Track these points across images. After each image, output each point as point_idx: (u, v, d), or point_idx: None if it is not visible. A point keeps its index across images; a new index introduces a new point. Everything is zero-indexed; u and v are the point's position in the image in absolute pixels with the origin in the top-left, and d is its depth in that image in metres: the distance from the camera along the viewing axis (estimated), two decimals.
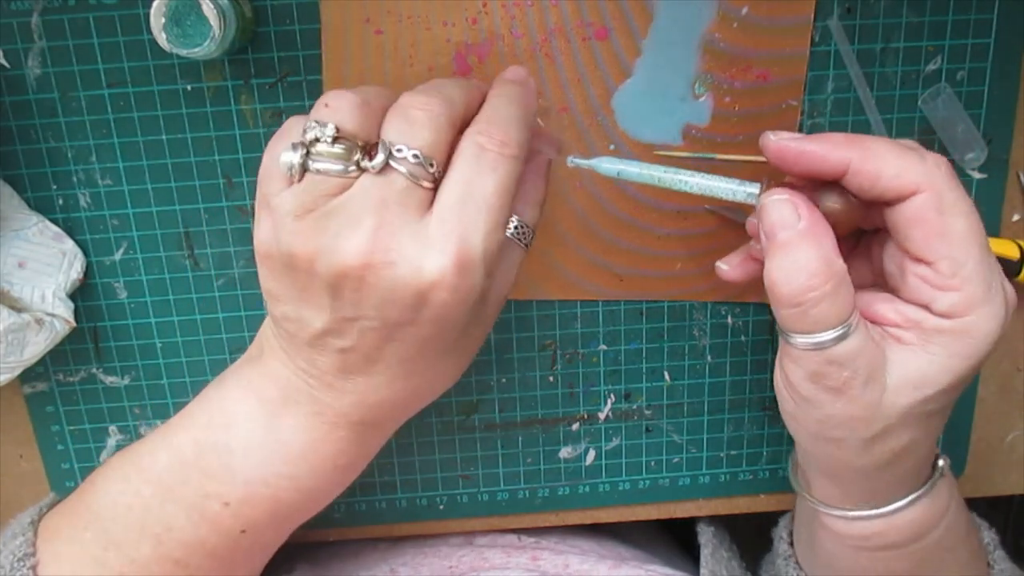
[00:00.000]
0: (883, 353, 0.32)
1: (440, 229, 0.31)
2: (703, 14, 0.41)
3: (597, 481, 0.50)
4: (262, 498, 0.36)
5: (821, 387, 0.33)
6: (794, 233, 0.31)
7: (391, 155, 0.32)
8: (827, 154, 0.32)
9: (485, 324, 0.38)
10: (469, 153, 0.33)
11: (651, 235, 0.45)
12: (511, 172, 0.33)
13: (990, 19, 0.42)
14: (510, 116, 0.34)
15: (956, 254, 0.31)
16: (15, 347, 0.41)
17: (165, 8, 0.36)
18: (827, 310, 0.31)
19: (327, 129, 0.32)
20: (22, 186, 0.43)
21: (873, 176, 0.31)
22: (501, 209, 0.33)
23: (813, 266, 0.31)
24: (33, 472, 0.48)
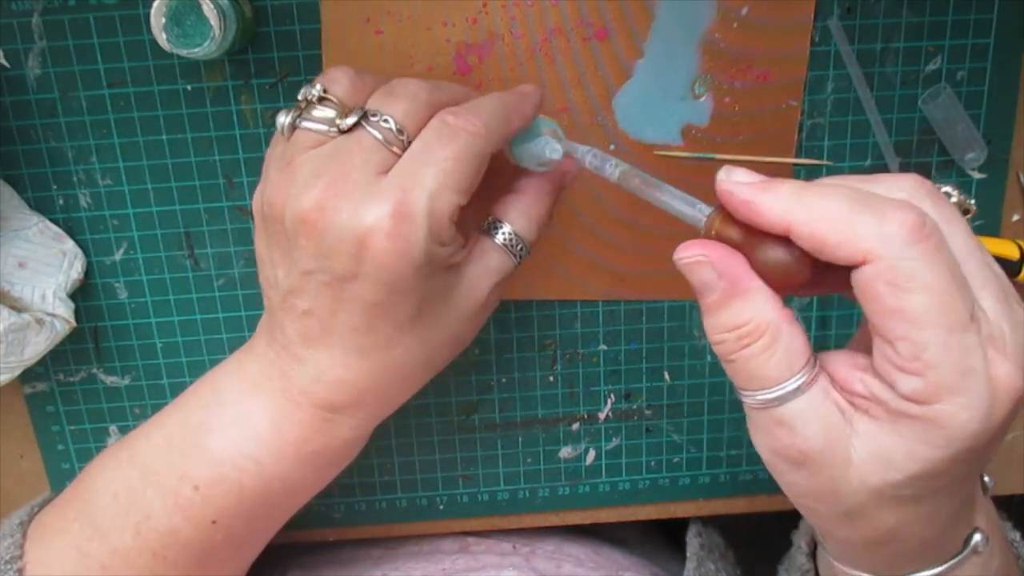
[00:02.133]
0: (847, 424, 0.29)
1: (388, 182, 0.33)
2: (703, 14, 0.41)
3: (597, 481, 0.50)
4: (229, 482, 0.36)
5: (777, 456, 0.30)
6: (717, 295, 0.29)
7: (365, 117, 0.34)
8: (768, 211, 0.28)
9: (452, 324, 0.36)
10: (433, 125, 0.34)
11: (651, 235, 0.45)
12: (471, 145, 0.34)
13: (990, 19, 0.42)
14: (488, 107, 0.35)
15: (914, 336, 0.26)
16: (15, 347, 0.41)
17: (165, 8, 0.36)
18: (763, 365, 0.29)
19: (315, 89, 0.35)
20: (22, 186, 0.43)
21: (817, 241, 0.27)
22: (454, 173, 0.33)
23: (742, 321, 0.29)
24: (33, 472, 0.48)
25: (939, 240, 0.27)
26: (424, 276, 0.34)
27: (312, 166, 0.33)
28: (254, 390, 0.37)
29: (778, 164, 0.44)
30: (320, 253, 0.33)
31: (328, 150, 0.34)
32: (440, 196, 0.33)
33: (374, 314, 0.34)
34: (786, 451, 0.30)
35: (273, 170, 0.35)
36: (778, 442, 0.30)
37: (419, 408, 0.48)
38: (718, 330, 0.30)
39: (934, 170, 0.45)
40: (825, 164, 0.44)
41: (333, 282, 0.33)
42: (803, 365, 0.29)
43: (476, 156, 0.34)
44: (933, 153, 0.45)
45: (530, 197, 0.38)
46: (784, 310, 0.29)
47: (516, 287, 0.46)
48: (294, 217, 0.33)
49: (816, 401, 0.29)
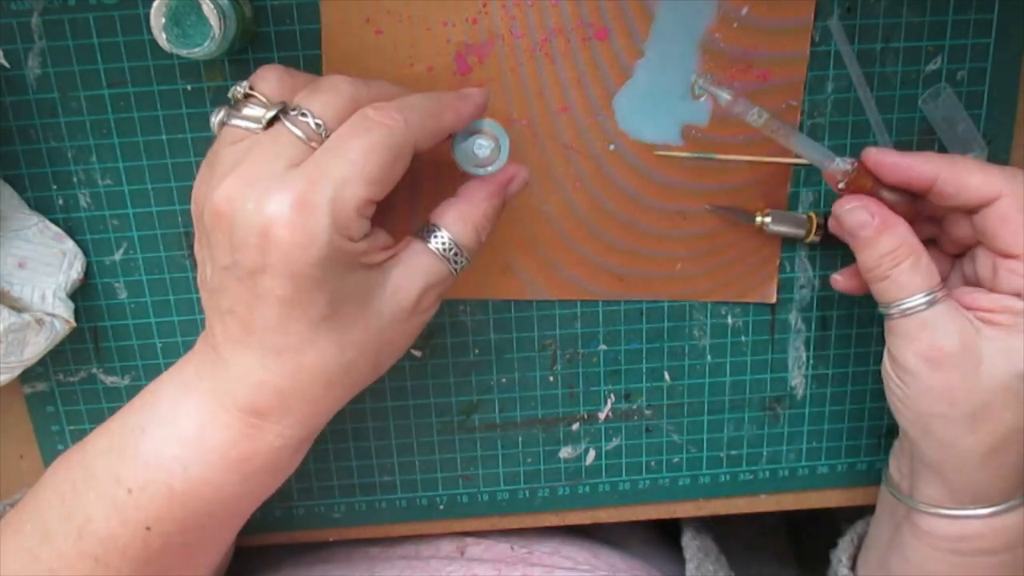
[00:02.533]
0: (976, 330, 0.37)
1: (295, 173, 0.32)
2: (703, 14, 0.41)
3: (597, 481, 0.50)
4: (158, 485, 0.36)
5: (920, 357, 0.37)
6: (871, 230, 0.38)
7: (285, 112, 0.34)
8: (920, 167, 0.38)
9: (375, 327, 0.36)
10: (353, 118, 0.34)
11: (651, 235, 0.45)
12: (386, 137, 0.33)
13: (990, 19, 0.42)
14: (416, 103, 0.35)
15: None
16: (15, 347, 0.41)
17: (165, 8, 0.36)
18: (911, 277, 0.37)
19: (240, 87, 0.35)
20: (22, 186, 0.43)
21: (960, 184, 0.37)
22: (364, 164, 0.32)
23: (896, 248, 0.38)
24: (33, 472, 0.47)
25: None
26: (333, 271, 0.33)
27: (228, 160, 0.34)
28: (187, 392, 0.36)
29: (778, 164, 0.44)
30: (231, 246, 0.33)
31: (246, 144, 0.34)
32: (346, 187, 0.32)
33: (286, 311, 0.33)
34: (928, 351, 0.37)
35: (202, 168, 0.36)
36: (922, 344, 0.37)
37: (419, 408, 0.48)
38: (873, 257, 0.38)
39: None
40: None
41: (245, 277, 0.33)
42: (938, 282, 0.38)
43: (391, 148, 0.33)
44: None
45: (468, 201, 0.38)
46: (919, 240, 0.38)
47: (517, 287, 0.46)
48: (209, 211, 0.33)
49: (951, 309, 0.37)
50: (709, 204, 0.44)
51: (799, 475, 0.50)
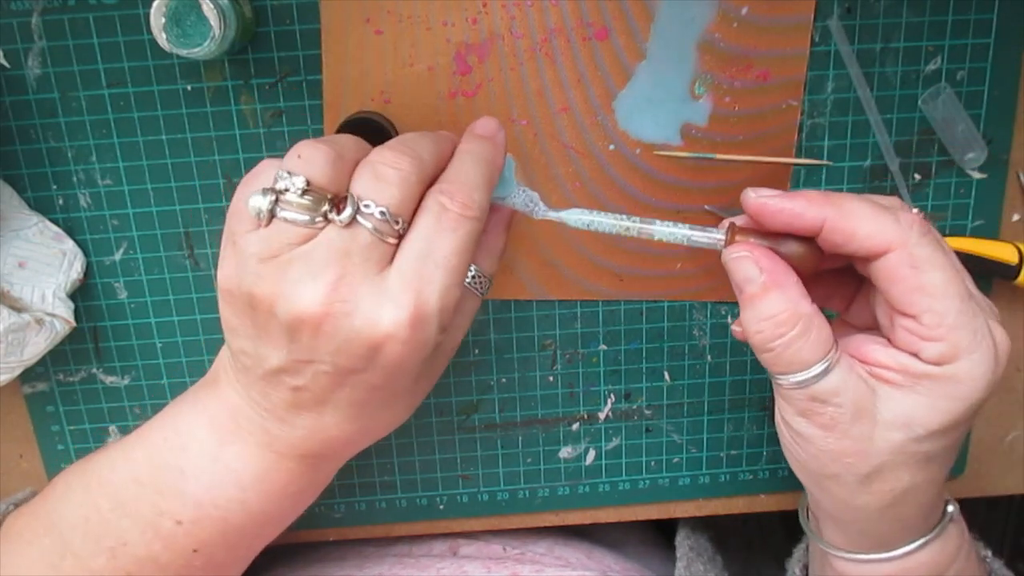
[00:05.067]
0: (872, 391, 0.34)
1: (398, 283, 0.32)
2: (703, 14, 0.41)
3: (597, 481, 0.50)
4: (213, 520, 0.37)
5: (812, 423, 0.34)
6: (758, 287, 0.34)
7: (358, 210, 0.32)
8: (804, 212, 0.33)
9: (437, 370, 0.39)
10: (431, 212, 0.33)
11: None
12: (471, 233, 0.34)
13: (990, 19, 0.42)
14: (474, 177, 0.35)
15: (936, 307, 0.32)
16: (15, 347, 0.41)
17: (165, 8, 0.36)
18: (800, 351, 0.33)
19: (297, 181, 0.32)
20: (22, 186, 0.43)
21: (848, 235, 0.33)
22: (458, 268, 0.33)
23: (779, 314, 0.33)
24: (33, 472, 0.48)
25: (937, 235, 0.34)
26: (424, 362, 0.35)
27: (307, 265, 0.32)
28: (230, 441, 0.36)
29: (778, 164, 0.44)
30: (326, 351, 0.33)
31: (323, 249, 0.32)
32: (448, 293, 0.33)
33: (376, 392, 0.34)
34: (821, 419, 0.34)
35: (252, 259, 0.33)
36: (813, 414, 0.34)
37: (419, 408, 0.48)
38: (758, 319, 0.34)
39: (934, 170, 0.45)
40: (825, 164, 0.44)
41: (336, 373, 0.33)
42: (831, 347, 0.34)
43: (474, 240, 0.34)
44: (933, 153, 0.45)
45: (489, 235, 0.39)
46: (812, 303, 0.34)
47: (516, 287, 0.46)
48: (291, 316, 0.32)
49: (844, 375, 0.34)
50: (708, 205, 0.44)
51: None
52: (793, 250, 0.34)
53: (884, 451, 0.34)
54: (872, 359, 0.34)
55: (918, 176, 0.45)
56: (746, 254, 0.34)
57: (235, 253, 0.34)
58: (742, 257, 0.34)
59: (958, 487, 0.51)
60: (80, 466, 0.39)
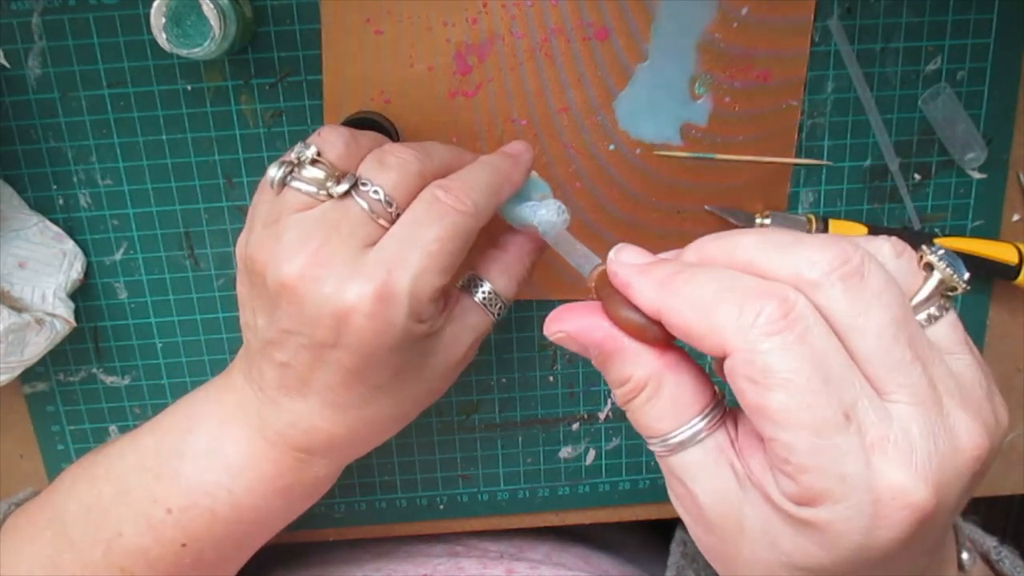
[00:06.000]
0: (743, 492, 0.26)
1: (374, 259, 0.33)
2: (703, 14, 0.41)
3: (597, 481, 0.50)
4: (201, 509, 0.37)
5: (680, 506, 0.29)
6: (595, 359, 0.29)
7: (356, 186, 0.34)
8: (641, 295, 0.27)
9: (428, 382, 0.37)
10: (423, 200, 0.34)
11: (651, 234, 0.45)
12: (459, 225, 0.34)
13: (990, 19, 0.42)
14: (478, 180, 0.35)
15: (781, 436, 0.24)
16: (15, 347, 0.41)
17: (165, 8, 0.36)
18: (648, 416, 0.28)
19: (309, 151, 0.34)
20: (22, 186, 0.43)
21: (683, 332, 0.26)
22: (439, 256, 0.33)
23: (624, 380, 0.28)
24: (33, 472, 0.48)
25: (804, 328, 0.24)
26: (402, 350, 0.34)
27: (298, 231, 0.33)
28: (229, 423, 0.37)
29: (778, 164, 0.44)
30: (300, 320, 0.33)
31: (316, 216, 0.34)
32: (423, 278, 0.33)
33: (351, 377, 0.34)
34: (683, 502, 0.28)
35: (259, 224, 0.35)
36: (676, 492, 0.28)
37: None
38: (611, 385, 0.29)
39: (934, 170, 0.45)
40: (825, 164, 0.44)
41: (312, 346, 0.34)
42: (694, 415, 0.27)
43: (463, 236, 0.34)
44: (933, 153, 0.45)
45: (512, 256, 0.39)
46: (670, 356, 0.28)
47: None
48: (276, 280, 0.33)
49: (708, 457, 0.27)
50: (708, 205, 0.44)
51: None
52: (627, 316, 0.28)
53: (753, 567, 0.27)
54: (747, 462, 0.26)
55: (918, 176, 0.45)
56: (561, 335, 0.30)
57: (249, 220, 0.36)
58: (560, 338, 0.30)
59: None
60: (88, 458, 0.39)
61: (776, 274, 0.25)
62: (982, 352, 0.48)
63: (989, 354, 0.48)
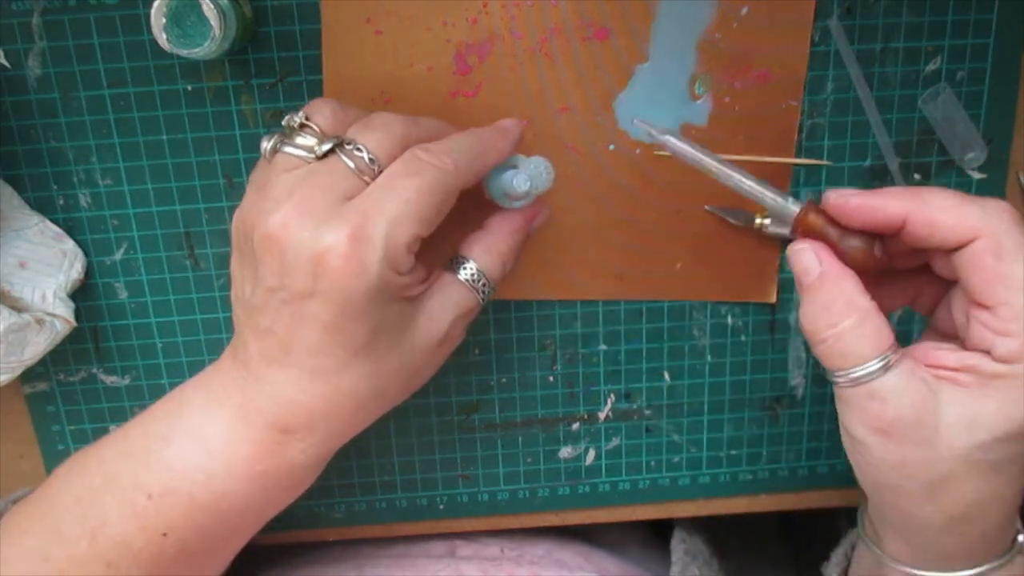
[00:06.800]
0: (934, 395, 0.33)
1: (351, 206, 0.34)
2: (703, 14, 0.41)
3: (597, 481, 0.50)
4: (179, 494, 0.36)
5: (870, 429, 0.34)
6: (815, 278, 0.34)
7: (340, 145, 0.35)
8: (885, 206, 0.33)
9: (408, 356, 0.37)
10: (405, 157, 0.35)
11: (651, 235, 0.45)
12: (437, 179, 0.35)
13: (990, 19, 0.42)
14: (462, 144, 0.37)
15: (1014, 300, 0.31)
16: (15, 347, 0.41)
17: (165, 8, 0.36)
18: (852, 343, 0.33)
19: (297, 117, 0.36)
20: (22, 186, 0.43)
21: (931, 225, 0.33)
22: (415, 203, 0.34)
23: (833, 303, 0.33)
24: (33, 472, 0.48)
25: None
26: (378, 302, 0.34)
27: (284, 187, 0.35)
28: (214, 405, 0.37)
29: (778, 164, 0.44)
30: (281, 270, 0.34)
31: (301, 172, 0.35)
32: (399, 224, 0.34)
33: (329, 335, 0.35)
34: (879, 423, 0.33)
35: (251, 190, 0.37)
36: (871, 415, 0.33)
37: (419, 408, 0.48)
38: (813, 310, 0.34)
39: (934, 170, 0.45)
40: (825, 164, 0.44)
41: (292, 299, 0.34)
42: (889, 345, 0.33)
43: (441, 190, 0.35)
44: (933, 153, 0.45)
45: (495, 234, 0.40)
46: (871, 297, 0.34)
47: (516, 287, 0.46)
48: (261, 234, 0.34)
49: (905, 375, 0.33)
50: (708, 205, 0.44)
51: (799, 475, 0.50)
52: (852, 245, 0.34)
53: (947, 459, 0.33)
54: (939, 362, 0.34)
55: (918, 176, 0.45)
56: (806, 247, 0.35)
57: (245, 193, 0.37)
58: (803, 249, 0.35)
59: None
60: (83, 449, 0.39)
61: None
62: None
63: None
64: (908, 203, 0.33)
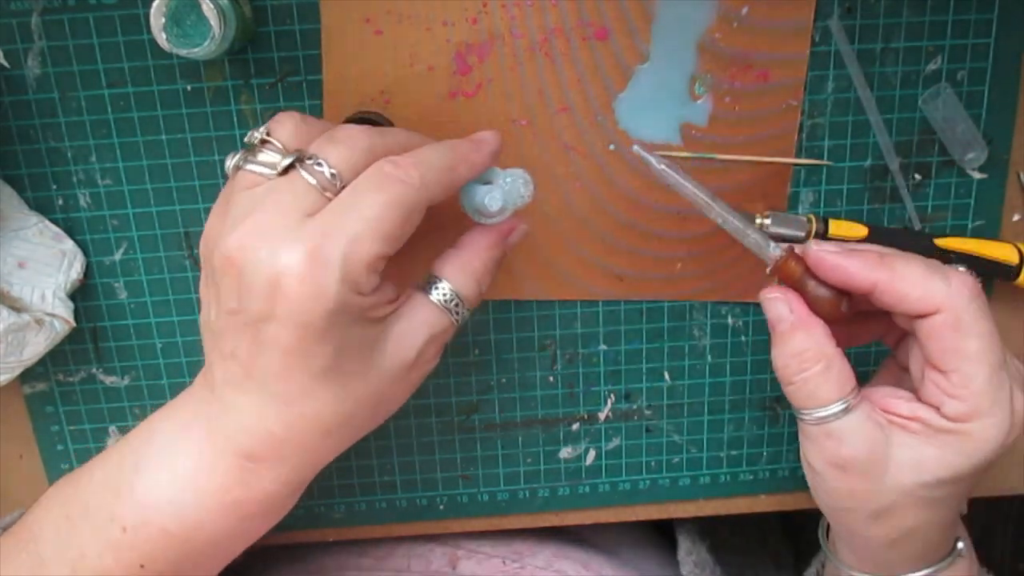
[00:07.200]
0: (887, 438, 0.36)
1: (311, 225, 0.33)
2: (703, 15, 0.41)
3: (597, 481, 0.50)
4: (153, 527, 0.35)
5: (827, 463, 0.37)
6: (787, 326, 0.37)
7: (301, 160, 0.34)
8: (858, 273, 0.36)
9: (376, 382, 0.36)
10: (369, 172, 0.34)
11: (651, 236, 0.45)
12: (401, 194, 0.33)
13: (990, 19, 0.42)
14: (431, 157, 0.35)
15: (967, 369, 0.35)
16: (15, 347, 0.41)
17: (165, 8, 0.36)
18: (818, 388, 0.36)
19: (258, 132, 0.35)
20: (22, 186, 0.43)
21: (898, 295, 0.35)
22: (377, 221, 0.33)
23: (804, 351, 0.36)
24: (33, 472, 0.48)
25: (985, 300, 0.36)
26: (339, 324, 0.33)
27: (243, 206, 0.33)
28: (184, 433, 0.36)
29: (778, 164, 0.44)
30: (240, 292, 0.33)
31: (261, 191, 0.34)
32: (360, 242, 0.32)
33: (290, 360, 0.33)
34: (835, 459, 0.37)
35: (213, 210, 0.35)
36: (829, 452, 0.37)
37: (419, 408, 0.48)
38: (785, 354, 0.37)
39: (934, 170, 0.45)
40: (825, 164, 0.44)
41: (251, 323, 0.33)
42: (851, 390, 0.37)
43: (405, 205, 0.33)
44: (933, 153, 0.45)
45: (469, 252, 0.38)
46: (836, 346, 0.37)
47: (516, 287, 0.46)
48: (220, 255, 0.33)
49: (862, 418, 0.36)
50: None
51: (799, 475, 0.50)
52: (818, 293, 0.37)
53: (893, 492, 0.36)
54: (893, 409, 0.37)
55: (918, 176, 0.45)
56: (779, 296, 0.37)
57: None
58: (776, 299, 0.38)
59: None
60: (65, 476, 0.39)
61: None
62: None
63: None
64: (878, 273, 0.35)
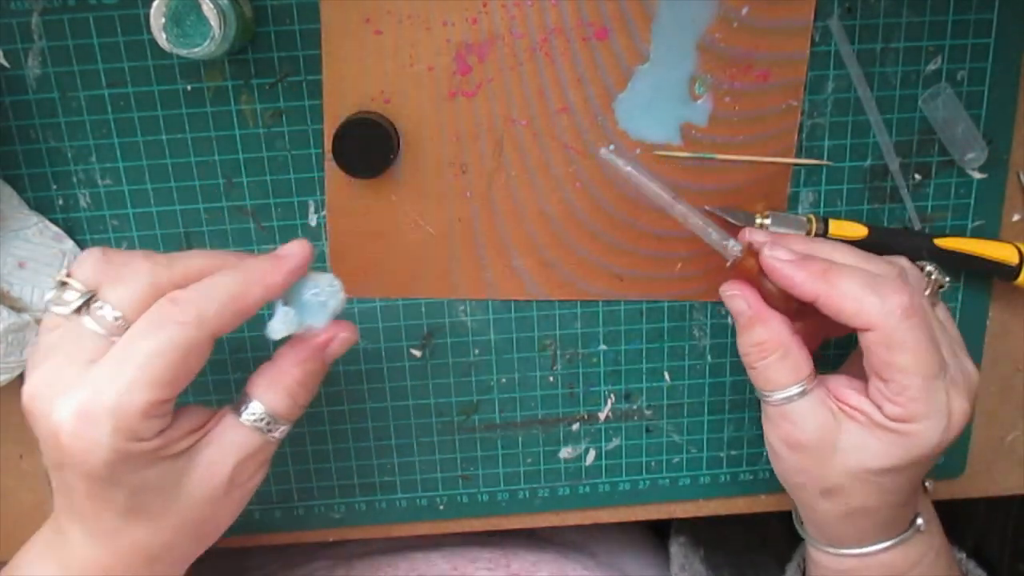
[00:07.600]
0: (837, 424, 0.39)
1: (88, 376, 0.33)
2: (703, 14, 0.41)
3: (597, 481, 0.50)
4: None
5: (782, 442, 0.40)
6: (747, 319, 0.40)
7: (88, 305, 0.34)
8: (801, 285, 0.38)
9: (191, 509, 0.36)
10: (148, 314, 0.33)
11: (651, 236, 0.45)
12: (176, 337, 0.33)
13: (990, 19, 0.42)
14: (214, 288, 0.34)
15: (900, 380, 0.37)
16: (15, 347, 0.41)
17: (165, 8, 0.36)
18: (776, 374, 0.39)
19: (59, 274, 0.35)
20: (22, 186, 0.43)
21: (837, 309, 0.38)
22: (149, 368, 0.32)
23: (764, 341, 0.39)
24: (33, 472, 0.47)
25: (923, 314, 0.37)
26: (126, 470, 0.33)
27: (40, 351, 0.34)
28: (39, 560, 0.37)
29: (778, 164, 0.44)
30: (39, 439, 0.34)
31: (55, 336, 0.34)
32: (131, 393, 0.32)
33: (90, 502, 0.34)
34: (789, 439, 0.40)
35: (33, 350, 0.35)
36: (784, 432, 0.40)
37: (419, 408, 0.48)
38: (746, 344, 0.40)
39: (934, 170, 0.45)
40: (825, 164, 0.44)
41: (53, 469, 0.34)
42: (806, 375, 0.39)
43: (181, 348, 0.33)
44: (933, 153, 0.45)
45: (280, 367, 0.37)
46: (794, 335, 0.40)
47: (516, 287, 0.46)
48: (22, 400, 0.34)
49: (815, 403, 0.39)
50: (708, 205, 0.44)
51: None
52: (770, 287, 0.40)
53: (840, 474, 0.39)
54: (844, 399, 0.39)
55: (918, 176, 0.45)
56: (736, 292, 0.41)
57: None
58: (734, 296, 0.41)
59: (958, 487, 0.51)
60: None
61: None
62: (982, 352, 0.48)
63: (989, 354, 0.48)
64: (819, 286, 0.38)
